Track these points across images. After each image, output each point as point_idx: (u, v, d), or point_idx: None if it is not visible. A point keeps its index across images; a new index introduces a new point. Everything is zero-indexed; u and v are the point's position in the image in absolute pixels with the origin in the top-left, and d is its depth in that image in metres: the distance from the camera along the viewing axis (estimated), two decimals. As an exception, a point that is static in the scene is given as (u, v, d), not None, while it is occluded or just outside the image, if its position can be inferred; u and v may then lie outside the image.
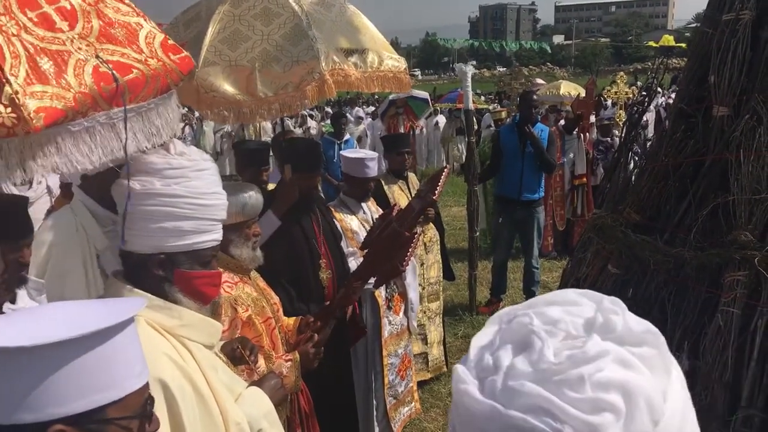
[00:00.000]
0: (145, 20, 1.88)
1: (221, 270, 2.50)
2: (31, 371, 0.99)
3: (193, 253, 1.76)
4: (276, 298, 2.77)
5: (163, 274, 1.72)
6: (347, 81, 3.09)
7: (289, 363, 2.48)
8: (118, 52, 1.75)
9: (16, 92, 1.45)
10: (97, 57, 1.68)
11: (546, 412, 0.67)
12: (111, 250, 2.49)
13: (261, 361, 2.39)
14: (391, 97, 12.16)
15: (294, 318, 2.84)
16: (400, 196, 4.82)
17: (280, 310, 2.77)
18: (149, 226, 1.69)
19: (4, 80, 1.45)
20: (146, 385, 1.17)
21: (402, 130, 12.92)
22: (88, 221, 2.54)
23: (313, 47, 2.95)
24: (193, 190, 1.73)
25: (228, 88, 2.89)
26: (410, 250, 2.96)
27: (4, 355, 0.98)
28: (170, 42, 1.93)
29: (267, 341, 2.56)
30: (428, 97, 14.46)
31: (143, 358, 1.18)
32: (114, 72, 1.68)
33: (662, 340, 0.75)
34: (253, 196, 2.62)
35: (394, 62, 3.40)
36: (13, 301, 2.15)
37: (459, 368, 0.76)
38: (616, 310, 0.76)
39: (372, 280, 3.63)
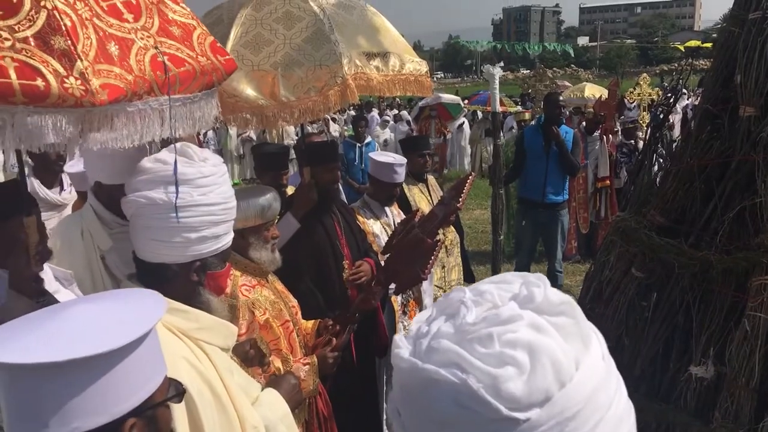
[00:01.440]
0: (198, 23, 2.07)
1: (240, 273, 2.53)
2: (98, 376, 1.03)
3: (221, 254, 1.80)
4: (294, 302, 2.77)
5: (198, 278, 1.75)
6: (369, 85, 3.09)
7: (307, 367, 2.47)
8: (174, 46, 1.94)
9: (86, 68, 1.63)
10: (156, 48, 1.86)
11: (455, 365, 0.74)
12: (116, 251, 2.53)
13: (278, 363, 2.39)
14: (420, 103, 12.17)
15: (312, 321, 2.83)
16: (420, 198, 4.78)
17: (299, 313, 2.77)
18: (189, 237, 1.69)
19: (76, 56, 1.62)
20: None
21: (433, 135, 12.92)
22: (93, 225, 2.57)
23: (336, 51, 2.95)
24: (224, 195, 1.77)
25: (250, 92, 2.89)
26: (432, 257, 2.93)
27: (72, 365, 1.00)
28: (218, 45, 2.13)
29: (285, 344, 2.56)
30: (459, 100, 14.48)
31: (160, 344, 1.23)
32: (169, 63, 1.85)
33: (579, 311, 0.81)
34: (271, 199, 2.62)
35: (416, 65, 3.39)
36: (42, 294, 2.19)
37: (396, 337, 0.84)
38: (538, 283, 0.82)
39: (392, 286, 3.62)
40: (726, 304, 2.62)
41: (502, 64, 6.57)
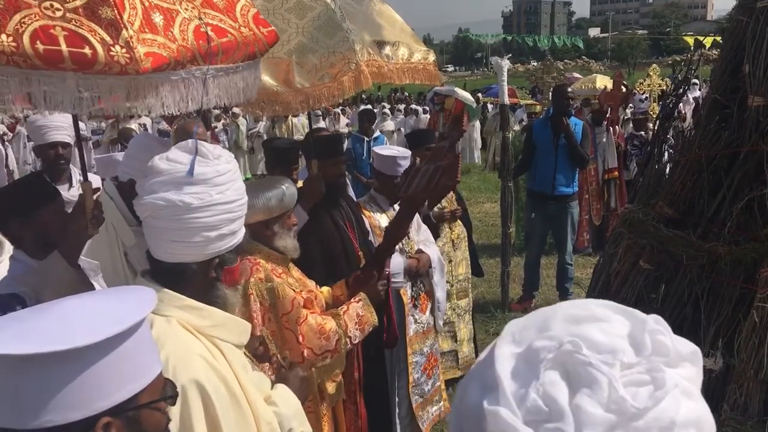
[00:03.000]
0: None
1: (264, 260, 2.58)
2: (74, 371, 1.03)
3: (236, 248, 1.80)
4: (312, 284, 2.84)
5: (216, 275, 1.75)
6: (381, 72, 3.13)
7: (360, 302, 2.67)
8: (217, 17, 2.02)
9: (131, 37, 1.72)
10: (200, 19, 1.94)
11: None
12: (139, 246, 2.55)
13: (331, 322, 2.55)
14: (436, 89, 12.15)
15: (326, 288, 2.90)
16: None
17: (318, 296, 2.84)
18: (209, 236, 1.68)
19: (122, 26, 1.71)
20: (162, 369, 1.22)
21: (441, 128, 12.86)
22: (117, 220, 2.61)
23: (349, 38, 2.99)
24: (240, 191, 1.76)
25: (266, 79, 2.92)
26: (458, 165, 2.89)
27: (46, 358, 1.01)
28: (261, 16, 2.22)
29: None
30: (474, 100, 14.44)
31: (154, 344, 1.22)
32: (212, 33, 1.94)
33: (700, 354, 0.71)
34: (289, 188, 2.67)
35: (424, 54, 3.44)
36: None
37: (503, 412, 0.64)
38: (661, 330, 0.69)
39: (400, 278, 3.63)
40: (734, 295, 2.61)
41: (510, 56, 6.54)
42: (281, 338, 2.47)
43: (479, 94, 16.64)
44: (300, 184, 3.92)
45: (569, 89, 6.82)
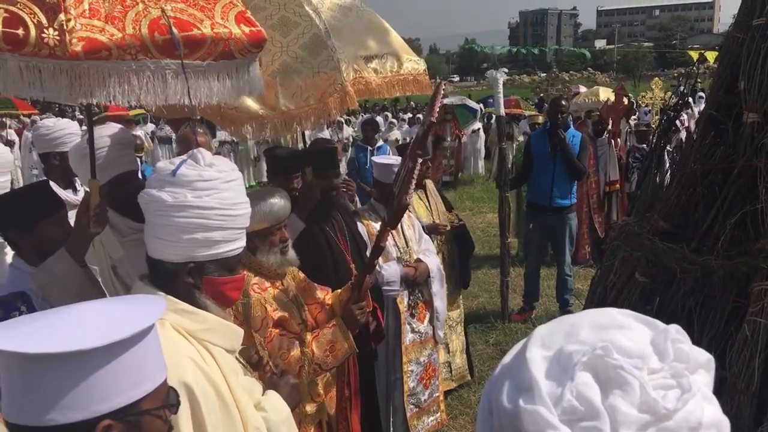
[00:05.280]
0: None
1: (251, 274, 2.58)
2: (78, 373, 1.06)
3: (221, 261, 1.80)
4: (320, 293, 2.85)
5: (192, 281, 1.77)
6: (368, 88, 3.10)
7: (333, 328, 2.61)
8: (185, 11, 1.96)
9: (68, 20, 1.70)
10: (162, 10, 1.89)
11: None
12: (129, 259, 2.58)
13: (296, 351, 2.51)
14: (445, 100, 12.19)
15: (337, 292, 2.92)
16: (418, 205, 4.75)
17: (321, 312, 2.85)
18: (181, 237, 1.72)
19: (60, 9, 1.71)
20: (166, 377, 1.25)
21: (449, 138, 12.90)
22: (104, 233, 2.62)
23: (333, 57, 2.95)
24: (224, 202, 1.77)
25: (250, 103, 2.90)
26: (411, 180, 2.75)
27: (52, 359, 1.04)
28: (248, 16, 2.13)
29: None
30: (478, 110, 14.43)
31: (162, 352, 1.25)
32: (171, 25, 1.88)
33: (713, 362, 0.76)
34: (277, 203, 2.64)
35: (414, 64, 3.38)
36: None
37: (542, 411, 0.67)
38: (680, 338, 0.74)
39: (396, 287, 3.64)
40: (727, 309, 2.62)
41: (506, 69, 6.60)
42: None
43: (480, 105, 16.69)
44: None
45: (563, 102, 6.84)
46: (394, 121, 16.97)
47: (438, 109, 2.88)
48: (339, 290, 2.92)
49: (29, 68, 1.72)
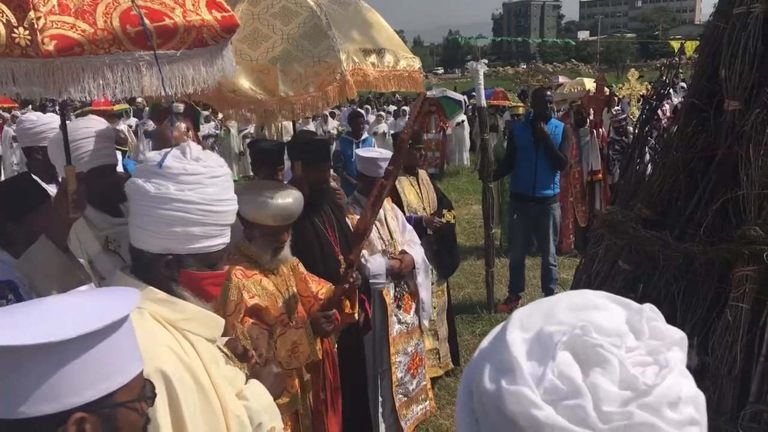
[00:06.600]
0: None
1: (241, 258, 2.58)
2: (49, 365, 1.04)
3: (201, 255, 1.78)
4: (314, 287, 2.86)
5: (169, 274, 1.75)
6: (366, 81, 3.13)
7: (300, 330, 2.62)
8: (156, 1, 1.91)
9: (38, 18, 1.66)
10: (132, 1, 1.85)
11: None
12: (105, 253, 2.58)
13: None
14: (428, 93, 12.22)
15: (328, 289, 2.94)
16: (409, 191, 4.84)
17: (314, 305, 2.85)
18: (161, 229, 1.72)
19: (29, 7, 1.66)
20: (143, 369, 1.23)
21: (434, 130, 12.89)
22: (80, 228, 2.60)
23: (334, 47, 2.98)
24: (206, 197, 1.75)
25: (250, 87, 2.91)
26: (372, 207, 2.86)
27: (22, 351, 1.03)
28: (217, 0, 2.08)
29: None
30: (463, 102, 14.44)
31: (137, 343, 1.23)
32: (143, 16, 1.84)
33: (686, 340, 0.77)
34: (290, 206, 2.66)
35: (409, 61, 3.45)
36: None
37: (525, 391, 0.68)
38: (655, 317, 0.76)
39: (382, 279, 3.65)
40: (709, 294, 2.65)
41: (486, 60, 6.64)
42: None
43: (464, 96, 16.71)
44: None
45: (549, 93, 6.87)
46: (382, 113, 16.93)
47: (416, 121, 2.97)
48: (334, 286, 2.93)
49: (1, 69, 1.69)
